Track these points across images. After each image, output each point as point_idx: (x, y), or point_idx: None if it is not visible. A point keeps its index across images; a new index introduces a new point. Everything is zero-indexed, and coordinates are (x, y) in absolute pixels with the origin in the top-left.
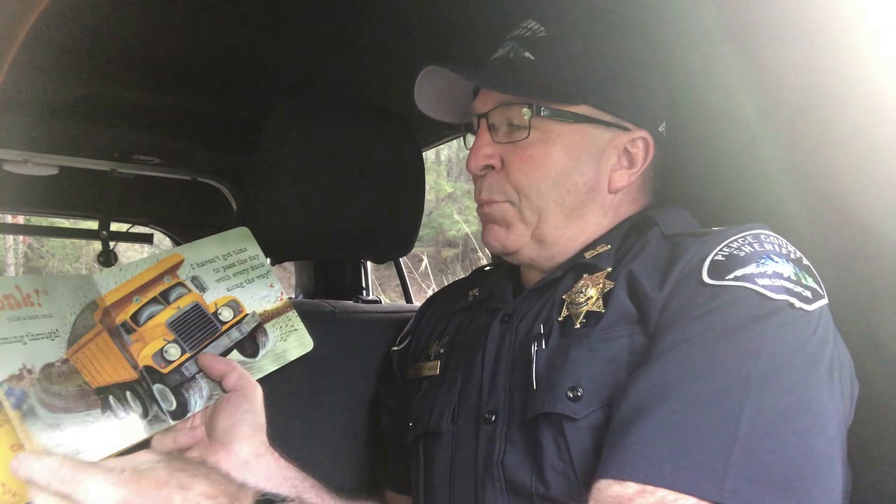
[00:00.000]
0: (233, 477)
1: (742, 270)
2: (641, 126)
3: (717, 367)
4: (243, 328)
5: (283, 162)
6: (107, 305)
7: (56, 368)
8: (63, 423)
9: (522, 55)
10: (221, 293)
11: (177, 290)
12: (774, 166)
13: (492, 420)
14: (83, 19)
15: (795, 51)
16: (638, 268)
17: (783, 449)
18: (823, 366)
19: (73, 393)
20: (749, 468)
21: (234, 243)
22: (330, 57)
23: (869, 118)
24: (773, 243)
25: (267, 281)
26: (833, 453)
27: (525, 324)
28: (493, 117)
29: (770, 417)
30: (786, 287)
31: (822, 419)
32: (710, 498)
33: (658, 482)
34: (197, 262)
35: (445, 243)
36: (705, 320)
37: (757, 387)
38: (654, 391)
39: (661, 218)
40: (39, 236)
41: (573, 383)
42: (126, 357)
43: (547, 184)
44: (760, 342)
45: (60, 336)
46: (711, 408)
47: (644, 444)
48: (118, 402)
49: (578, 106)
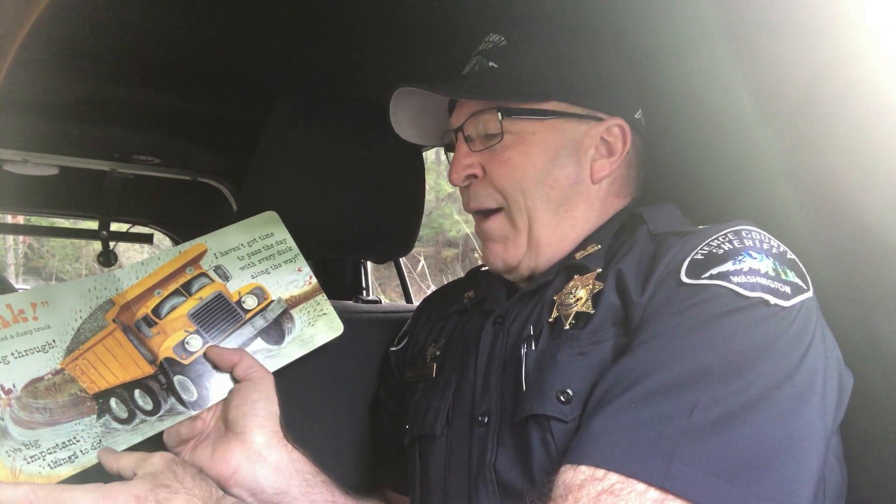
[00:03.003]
0: (214, 491)
1: (718, 269)
2: (615, 114)
3: (680, 359)
4: (268, 315)
5: (283, 162)
6: (127, 301)
7: (45, 382)
8: (42, 438)
9: (487, 66)
10: (246, 281)
11: (199, 280)
12: (774, 166)
13: (484, 422)
14: (83, 19)
15: (795, 50)
16: (626, 267)
17: (737, 439)
18: (794, 359)
19: (63, 403)
20: (697, 456)
21: (260, 228)
22: (330, 57)
23: (869, 118)
24: (753, 239)
25: (295, 265)
26: (798, 445)
27: (516, 326)
28: (467, 129)
29: (727, 409)
30: (761, 284)
31: (787, 411)
32: (655, 482)
33: (607, 466)
34: (221, 251)
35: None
36: (678, 317)
37: (717, 379)
38: (618, 383)
39: (649, 216)
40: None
41: (563, 386)
42: (142, 352)
43: (529, 182)
44: (727, 336)
45: (57, 346)
46: (668, 398)
47: (600, 430)
48: (120, 404)
49: (547, 103)
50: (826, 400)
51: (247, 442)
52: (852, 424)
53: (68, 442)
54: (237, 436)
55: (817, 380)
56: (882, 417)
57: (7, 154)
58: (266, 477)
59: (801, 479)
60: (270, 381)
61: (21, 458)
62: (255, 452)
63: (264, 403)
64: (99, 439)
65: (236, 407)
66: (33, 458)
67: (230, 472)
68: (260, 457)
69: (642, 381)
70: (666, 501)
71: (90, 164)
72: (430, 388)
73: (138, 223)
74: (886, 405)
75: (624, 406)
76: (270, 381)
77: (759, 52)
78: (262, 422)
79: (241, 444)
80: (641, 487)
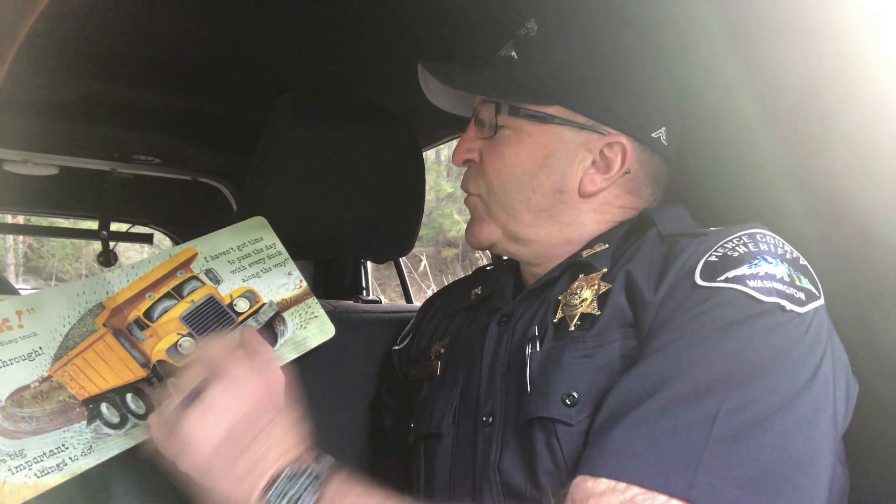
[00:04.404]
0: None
1: (734, 272)
2: (622, 130)
3: (698, 367)
4: (260, 318)
5: (283, 162)
6: (118, 304)
7: (31, 390)
8: (28, 448)
9: (510, 54)
10: (237, 284)
11: (191, 283)
12: (774, 166)
13: (489, 422)
14: (83, 19)
15: (795, 50)
16: (635, 268)
17: (759, 449)
18: (810, 367)
19: (51, 411)
20: (721, 467)
21: (249, 233)
22: (330, 57)
23: (869, 118)
24: (768, 243)
25: (285, 269)
26: (815, 455)
27: (521, 325)
28: (480, 113)
29: (748, 418)
30: (777, 289)
31: (806, 421)
32: (680, 495)
33: (629, 479)
34: (211, 255)
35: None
36: (694, 322)
37: (737, 387)
38: (636, 391)
39: (658, 218)
40: (39, 236)
41: (568, 389)
42: (134, 355)
43: (512, 182)
44: (745, 343)
45: (44, 354)
46: (688, 407)
47: (619, 442)
48: (112, 409)
49: (551, 107)
50: (836, 409)
51: None
52: (852, 426)
53: (56, 450)
54: None
55: (829, 388)
56: (882, 419)
57: (7, 154)
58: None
59: (817, 489)
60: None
61: (5, 469)
62: None
63: None
64: (89, 445)
65: None
66: (18, 469)
67: None
68: None
69: (661, 391)
70: None
71: (90, 164)
72: (435, 386)
73: (138, 223)
74: (887, 406)
75: (643, 416)
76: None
77: (759, 52)
78: None
79: None
80: (663, 499)
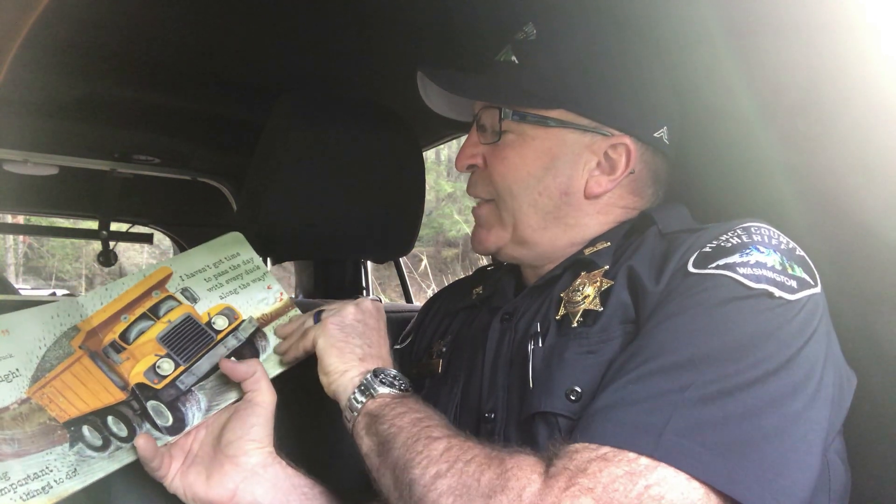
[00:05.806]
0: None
1: (725, 260)
2: (626, 132)
3: (680, 344)
4: (240, 335)
5: (283, 162)
6: (93, 327)
7: (10, 412)
8: (11, 470)
9: (510, 59)
10: (214, 302)
11: (167, 303)
12: (774, 165)
13: (491, 419)
14: (83, 19)
15: (795, 50)
16: (637, 264)
17: (727, 417)
18: (793, 348)
19: (33, 432)
20: (688, 428)
21: (225, 249)
22: (330, 57)
23: (869, 118)
24: (762, 234)
25: (264, 283)
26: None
27: (524, 322)
28: (482, 118)
29: (721, 388)
30: (767, 276)
31: (781, 397)
32: (646, 452)
33: (600, 441)
34: (186, 274)
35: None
36: (681, 304)
37: (715, 362)
38: (620, 368)
39: (658, 217)
40: (39, 236)
41: (572, 384)
42: (112, 378)
43: (519, 186)
44: (729, 323)
45: (21, 375)
46: (665, 377)
47: (595, 411)
48: (94, 431)
49: (554, 110)
50: (820, 394)
51: (241, 464)
52: (852, 424)
53: (40, 472)
54: (230, 458)
55: (815, 372)
56: (882, 416)
57: (7, 154)
58: (265, 495)
59: (788, 465)
60: (270, 404)
61: None
62: (250, 472)
63: (260, 428)
64: (73, 468)
65: (231, 430)
66: (3, 492)
67: (229, 496)
68: (256, 476)
69: (643, 364)
70: (658, 468)
71: (90, 164)
72: (436, 384)
73: (138, 223)
74: (886, 404)
75: (621, 387)
76: (270, 405)
77: (759, 52)
78: (257, 444)
79: (235, 466)
80: (632, 455)
